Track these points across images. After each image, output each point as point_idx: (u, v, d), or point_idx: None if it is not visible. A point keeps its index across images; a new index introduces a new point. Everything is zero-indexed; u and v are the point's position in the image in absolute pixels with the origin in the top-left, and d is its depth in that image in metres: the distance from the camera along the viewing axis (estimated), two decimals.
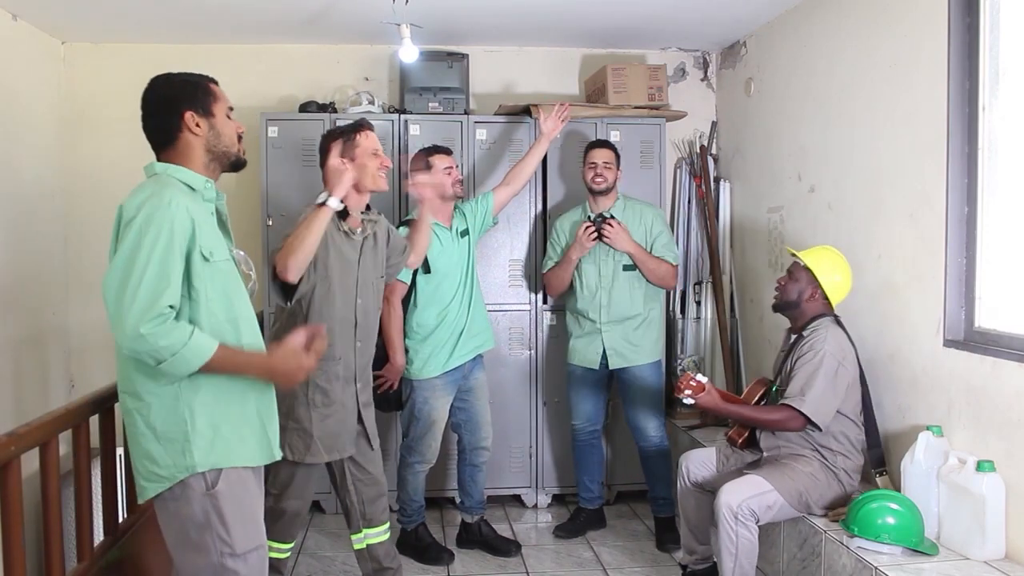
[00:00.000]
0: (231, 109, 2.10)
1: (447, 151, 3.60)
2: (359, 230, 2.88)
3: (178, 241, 1.86)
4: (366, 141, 2.85)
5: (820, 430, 2.94)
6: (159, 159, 2.03)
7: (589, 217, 3.74)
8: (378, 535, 3.00)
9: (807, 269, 3.09)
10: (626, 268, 3.74)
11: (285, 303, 2.76)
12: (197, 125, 2.00)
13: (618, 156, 3.81)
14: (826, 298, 3.08)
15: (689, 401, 2.96)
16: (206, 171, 2.04)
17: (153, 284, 1.81)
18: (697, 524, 3.21)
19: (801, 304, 3.09)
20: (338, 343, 2.81)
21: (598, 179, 3.72)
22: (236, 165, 2.11)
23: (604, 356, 3.77)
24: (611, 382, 3.90)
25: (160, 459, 1.92)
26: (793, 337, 3.14)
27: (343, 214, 2.82)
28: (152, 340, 1.79)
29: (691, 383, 2.94)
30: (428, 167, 3.50)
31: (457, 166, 3.64)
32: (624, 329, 3.76)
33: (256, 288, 2.20)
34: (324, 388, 2.79)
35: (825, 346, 2.94)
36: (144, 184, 1.97)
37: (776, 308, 3.20)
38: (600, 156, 3.75)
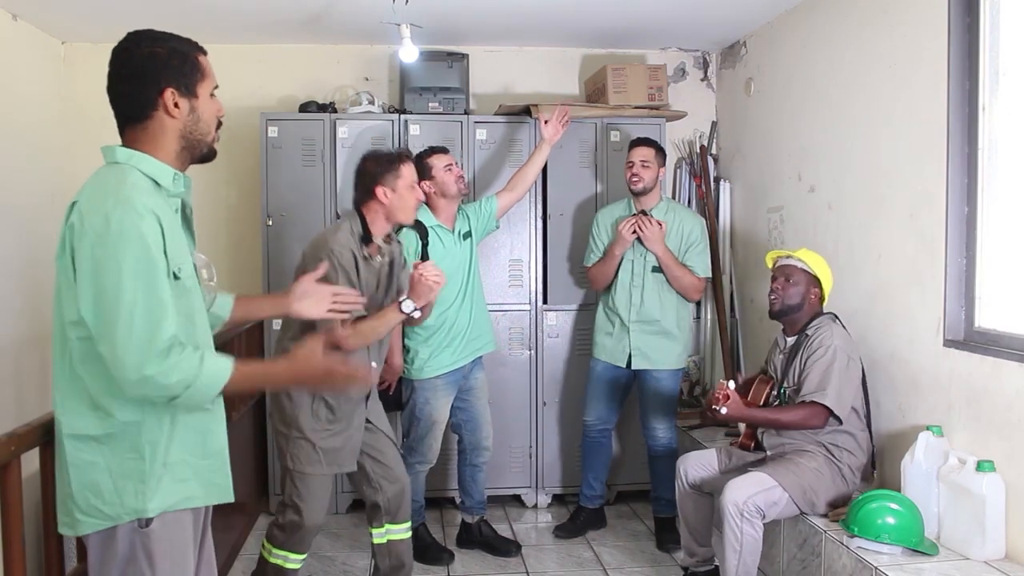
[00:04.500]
0: (216, 87, 1.81)
1: (443, 149, 3.59)
2: (377, 256, 2.89)
3: (157, 257, 1.62)
4: (408, 172, 2.88)
5: (841, 422, 2.94)
6: (123, 134, 1.75)
7: (633, 214, 3.75)
8: (400, 532, 3.03)
9: (804, 271, 3.10)
10: (655, 270, 3.73)
11: None
12: (176, 106, 1.71)
13: (662, 154, 3.79)
14: (821, 297, 3.13)
15: (724, 411, 2.94)
16: (176, 160, 1.75)
17: (148, 315, 1.59)
18: (696, 526, 3.21)
19: (803, 307, 3.11)
20: (353, 363, 2.80)
21: (634, 179, 3.71)
22: (208, 157, 1.81)
23: (630, 356, 3.78)
24: (631, 383, 3.89)
25: (108, 496, 1.68)
26: (794, 338, 3.13)
27: (367, 239, 2.84)
28: (162, 379, 1.59)
29: (726, 392, 2.93)
30: (428, 169, 3.51)
31: (457, 163, 3.64)
32: (651, 331, 3.75)
33: (216, 298, 2.03)
34: (331, 405, 2.79)
35: (834, 340, 2.98)
36: (104, 179, 1.69)
37: (777, 315, 3.17)
38: (637, 155, 3.72)
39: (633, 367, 3.78)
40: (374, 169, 2.86)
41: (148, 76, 1.70)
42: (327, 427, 2.80)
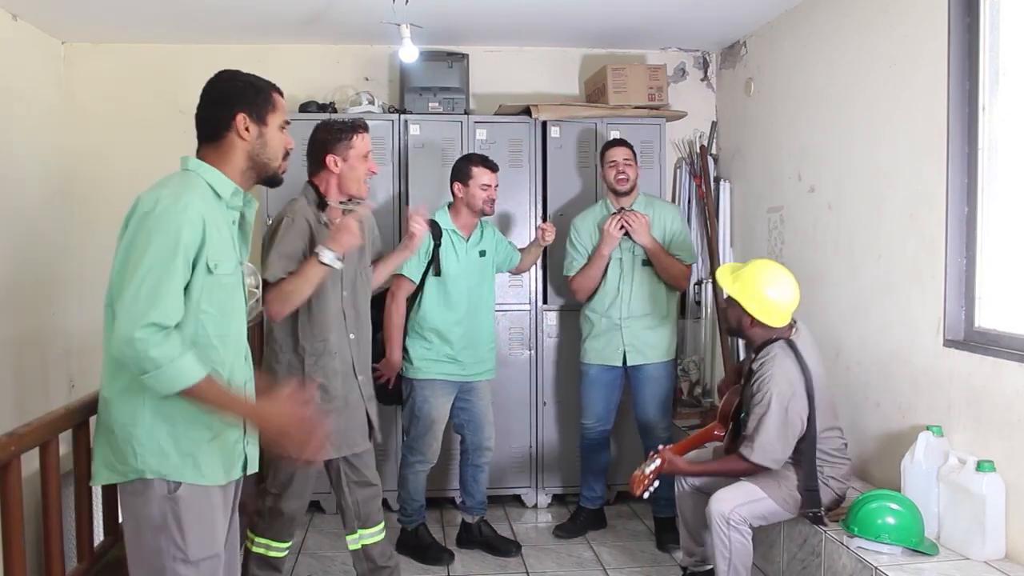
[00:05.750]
0: (287, 123, 2.07)
1: (493, 166, 3.54)
2: (338, 222, 2.83)
3: (183, 250, 1.81)
4: (360, 143, 2.85)
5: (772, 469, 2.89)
6: (199, 151, 1.99)
7: (613, 213, 3.75)
8: (373, 535, 3.00)
9: (730, 296, 2.99)
10: (644, 263, 3.76)
11: None
12: (247, 129, 1.97)
13: (635, 153, 3.83)
14: (757, 322, 2.92)
15: (653, 488, 3.00)
16: (241, 178, 2.00)
17: (153, 290, 1.77)
18: (695, 526, 3.21)
19: (744, 331, 2.99)
20: (332, 337, 2.81)
21: (621, 177, 3.74)
22: (272, 180, 2.06)
23: (624, 353, 3.79)
24: (625, 381, 3.89)
25: (115, 453, 1.89)
26: (752, 358, 3.05)
27: (322, 205, 2.82)
28: (141, 348, 1.74)
29: (646, 481, 2.96)
30: (468, 175, 3.50)
31: (497, 185, 3.58)
32: (643, 325, 3.78)
33: (260, 305, 2.16)
34: (322, 384, 2.78)
35: (771, 386, 2.82)
36: (170, 177, 1.93)
37: (729, 335, 3.13)
38: (620, 154, 3.76)
39: (629, 363, 3.79)
40: (324, 137, 2.84)
41: (224, 102, 1.98)
42: (323, 407, 2.75)
